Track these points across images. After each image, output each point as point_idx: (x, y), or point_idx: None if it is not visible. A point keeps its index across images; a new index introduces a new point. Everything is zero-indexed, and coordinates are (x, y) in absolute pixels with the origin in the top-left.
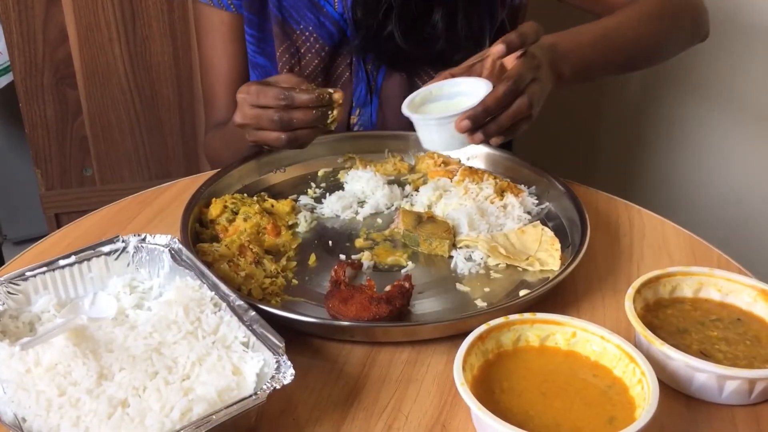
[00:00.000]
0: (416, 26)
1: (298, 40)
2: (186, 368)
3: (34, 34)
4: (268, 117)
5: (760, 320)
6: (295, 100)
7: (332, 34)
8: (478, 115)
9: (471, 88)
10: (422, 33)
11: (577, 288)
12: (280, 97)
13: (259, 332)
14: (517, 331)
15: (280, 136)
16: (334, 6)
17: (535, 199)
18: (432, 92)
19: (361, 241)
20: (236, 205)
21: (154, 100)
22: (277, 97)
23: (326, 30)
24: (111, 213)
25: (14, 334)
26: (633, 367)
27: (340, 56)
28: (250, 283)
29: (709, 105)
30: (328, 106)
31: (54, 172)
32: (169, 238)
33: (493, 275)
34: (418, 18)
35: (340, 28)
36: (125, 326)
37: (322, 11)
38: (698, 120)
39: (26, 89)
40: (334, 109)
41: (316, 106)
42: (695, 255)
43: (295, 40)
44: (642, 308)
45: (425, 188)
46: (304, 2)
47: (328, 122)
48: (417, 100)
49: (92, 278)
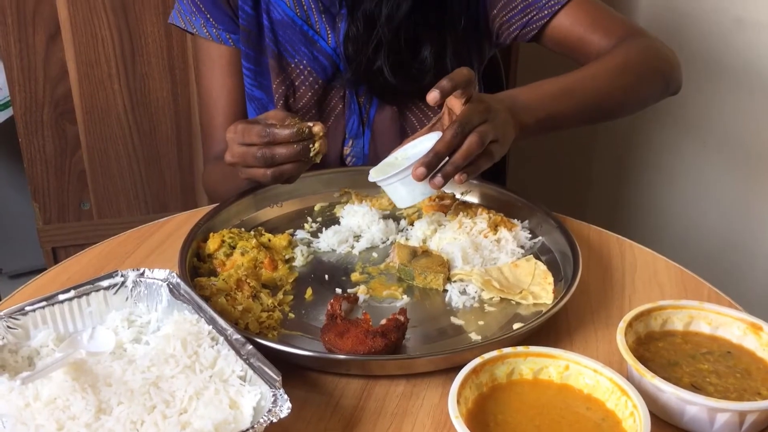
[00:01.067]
0: (405, 62)
1: (292, 74)
2: (183, 402)
3: (35, 71)
4: (252, 154)
5: (750, 353)
6: (276, 137)
7: (325, 68)
8: (430, 161)
9: (431, 143)
10: (411, 68)
11: (569, 321)
12: (263, 135)
13: (256, 366)
14: (511, 364)
15: (266, 172)
16: (327, 41)
17: (528, 234)
18: (397, 158)
19: (357, 275)
20: (234, 239)
21: (152, 135)
22: (260, 134)
23: (320, 64)
24: (109, 247)
25: (13, 368)
26: (625, 400)
27: (333, 89)
28: (247, 316)
29: (700, 141)
30: (309, 139)
31: (52, 206)
32: (168, 272)
33: (487, 309)
34: (407, 54)
35: (333, 62)
36: (123, 360)
37: (315, 46)
38: (689, 156)
39: (26, 124)
40: (316, 142)
41: (297, 141)
42: (686, 289)
43: (290, 73)
44: (634, 341)
45: (420, 223)
46: (299, 37)
47: (311, 155)
48: (384, 167)
49: (91, 312)
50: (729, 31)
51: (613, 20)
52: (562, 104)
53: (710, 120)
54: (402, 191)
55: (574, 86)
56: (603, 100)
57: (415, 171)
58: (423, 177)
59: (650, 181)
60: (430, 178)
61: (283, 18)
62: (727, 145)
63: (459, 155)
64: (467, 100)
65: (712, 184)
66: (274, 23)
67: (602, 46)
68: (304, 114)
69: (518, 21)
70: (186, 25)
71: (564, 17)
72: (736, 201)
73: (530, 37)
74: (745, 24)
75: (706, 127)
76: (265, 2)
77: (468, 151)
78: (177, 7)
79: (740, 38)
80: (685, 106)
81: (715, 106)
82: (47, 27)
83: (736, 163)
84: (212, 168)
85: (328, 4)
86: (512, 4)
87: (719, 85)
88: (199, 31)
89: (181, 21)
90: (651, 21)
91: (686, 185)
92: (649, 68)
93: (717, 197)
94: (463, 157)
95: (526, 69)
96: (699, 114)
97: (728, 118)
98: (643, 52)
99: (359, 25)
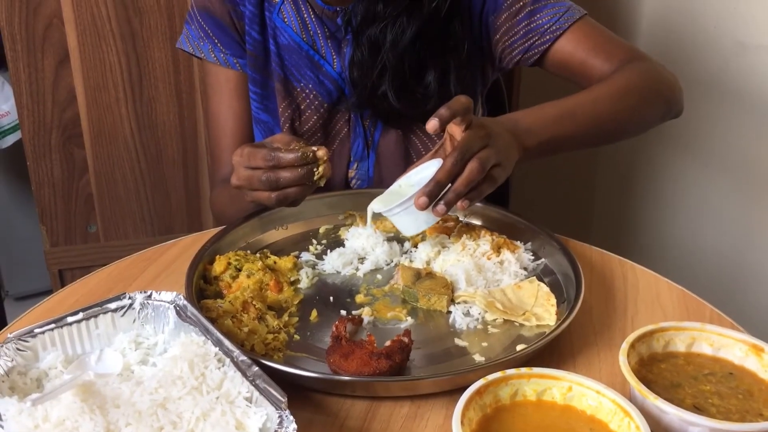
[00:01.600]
0: (409, 87)
1: (298, 97)
2: (191, 423)
3: (44, 95)
4: (257, 178)
5: (752, 374)
6: (281, 161)
7: (331, 92)
8: (432, 190)
9: (433, 170)
10: (415, 93)
11: (572, 342)
12: (268, 158)
13: (262, 387)
14: (515, 386)
15: (270, 195)
16: (333, 65)
17: (531, 255)
18: (401, 185)
19: (362, 297)
20: (239, 261)
21: (158, 158)
22: (265, 158)
23: (325, 88)
24: (117, 270)
25: (22, 390)
26: (628, 422)
27: (338, 112)
28: (253, 338)
29: (702, 163)
30: (314, 163)
31: (59, 229)
32: (174, 294)
33: (491, 330)
34: (412, 79)
35: (338, 87)
36: (131, 382)
37: (321, 70)
38: (691, 177)
39: (34, 148)
40: (320, 166)
41: (301, 165)
42: (688, 310)
43: (296, 96)
44: (636, 363)
45: (424, 245)
46: (305, 61)
47: (315, 179)
48: (389, 196)
49: (99, 335)
50: (731, 54)
51: (615, 44)
52: (564, 127)
53: (712, 141)
54: (406, 220)
55: (575, 109)
56: (605, 123)
57: (417, 200)
58: (425, 206)
59: (654, 205)
60: (432, 206)
61: (289, 43)
62: (729, 166)
63: (460, 182)
64: (467, 127)
65: (717, 206)
66: (280, 48)
67: (604, 70)
68: (309, 137)
69: (520, 46)
70: (194, 50)
71: (566, 41)
72: (738, 222)
73: (532, 61)
74: (747, 47)
75: (708, 148)
76: (272, 27)
77: (469, 178)
78: (185, 32)
79: (741, 61)
80: (688, 127)
81: (718, 127)
82: (56, 53)
83: (739, 185)
84: (220, 191)
85: (333, 29)
86: (514, 29)
87: (721, 107)
88: (207, 56)
89: (189, 46)
90: (651, 44)
91: (691, 207)
92: (651, 92)
93: (721, 219)
94: (465, 185)
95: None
96: (701, 135)
97: (730, 140)
98: (644, 76)
99: (364, 50)
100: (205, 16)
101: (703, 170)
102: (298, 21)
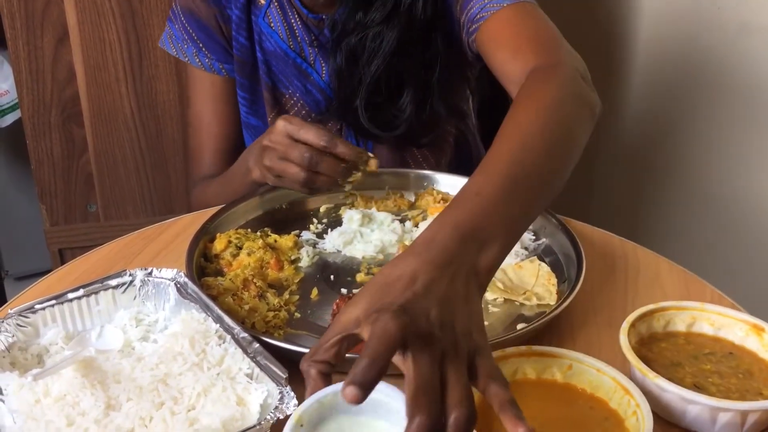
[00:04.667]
0: (382, 106)
1: (287, 105)
2: (191, 399)
3: (43, 74)
4: (299, 151)
5: (752, 354)
6: (335, 146)
7: (318, 101)
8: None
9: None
10: (388, 113)
11: (573, 322)
12: (322, 137)
13: (263, 364)
14: (515, 364)
15: (300, 172)
16: (321, 75)
17: (532, 235)
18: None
19: (363, 276)
20: (240, 240)
21: (159, 138)
22: (318, 135)
23: (312, 97)
24: (117, 248)
25: (23, 365)
26: (628, 399)
27: (329, 122)
28: (254, 316)
29: (703, 143)
30: (355, 168)
31: (59, 208)
32: (175, 271)
33: (491, 309)
34: (386, 97)
35: (326, 96)
36: (132, 358)
37: (309, 79)
38: (693, 157)
39: (33, 127)
40: (359, 173)
41: (348, 161)
42: (689, 290)
43: (284, 104)
44: (636, 342)
45: (425, 224)
46: (291, 70)
47: (349, 180)
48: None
49: (99, 311)
50: (734, 35)
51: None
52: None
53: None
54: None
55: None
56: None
57: None
58: None
59: (655, 185)
60: None
61: (275, 49)
62: (730, 146)
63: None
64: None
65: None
66: (267, 54)
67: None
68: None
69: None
70: (177, 53)
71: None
72: (740, 200)
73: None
74: (751, 28)
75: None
76: (258, 33)
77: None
78: (168, 31)
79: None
80: (689, 106)
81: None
82: (55, 31)
83: (739, 168)
84: (205, 186)
85: (321, 37)
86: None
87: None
88: (191, 60)
89: (173, 47)
90: (652, 24)
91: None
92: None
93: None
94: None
95: None
96: (702, 115)
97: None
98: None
99: (342, 60)
100: (189, 17)
101: (704, 150)
102: (284, 27)
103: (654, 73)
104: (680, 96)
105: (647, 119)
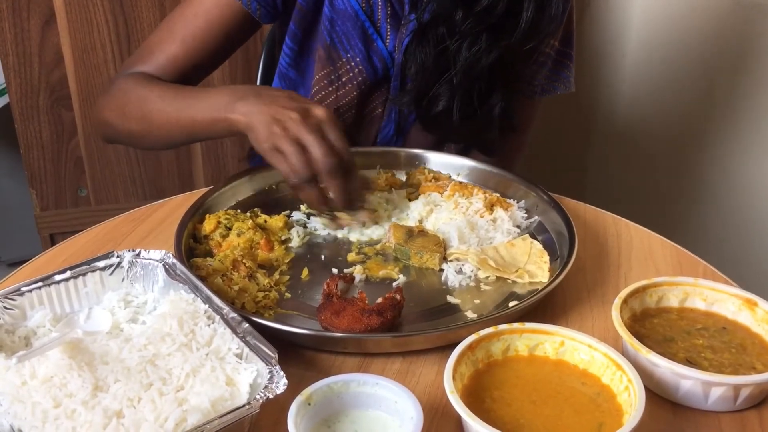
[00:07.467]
0: (471, 110)
1: (341, 68)
2: (180, 379)
3: (30, 57)
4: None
5: (745, 328)
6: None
7: (377, 69)
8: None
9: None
10: (477, 117)
11: (565, 299)
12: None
13: (253, 344)
14: (507, 341)
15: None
16: (385, 42)
17: (525, 213)
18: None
19: (353, 256)
20: (230, 220)
21: None
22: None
23: (372, 64)
24: (105, 230)
25: (10, 348)
26: (620, 375)
27: (377, 91)
28: (244, 297)
29: (698, 120)
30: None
31: (49, 193)
32: (164, 253)
33: (483, 287)
34: (477, 103)
35: (385, 65)
36: (120, 339)
37: (372, 45)
38: (687, 135)
39: (22, 111)
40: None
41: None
42: (682, 266)
43: (339, 67)
44: (629, 318)
45: (416, 203)
46: (357, 32)
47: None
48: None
49: (87, 293)
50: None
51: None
52: None
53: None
54: None
55: None
56: None
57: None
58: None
59: (647, 162)
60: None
61: (346, 8)
62: (725, 121)
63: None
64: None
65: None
66: (335, 11)
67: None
68: (343, 113)
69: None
70: None
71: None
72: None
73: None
74: (743, 5)
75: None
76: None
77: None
78: None
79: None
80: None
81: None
82: (42, 13)
83: (732, 143)
84: (144, 81)
85: (396, 5)
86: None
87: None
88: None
89: None
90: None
91: (689, 166)
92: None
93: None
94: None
95: None
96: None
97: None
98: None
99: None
100: None
101: (698, 128)
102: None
103: (648, 51)
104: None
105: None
